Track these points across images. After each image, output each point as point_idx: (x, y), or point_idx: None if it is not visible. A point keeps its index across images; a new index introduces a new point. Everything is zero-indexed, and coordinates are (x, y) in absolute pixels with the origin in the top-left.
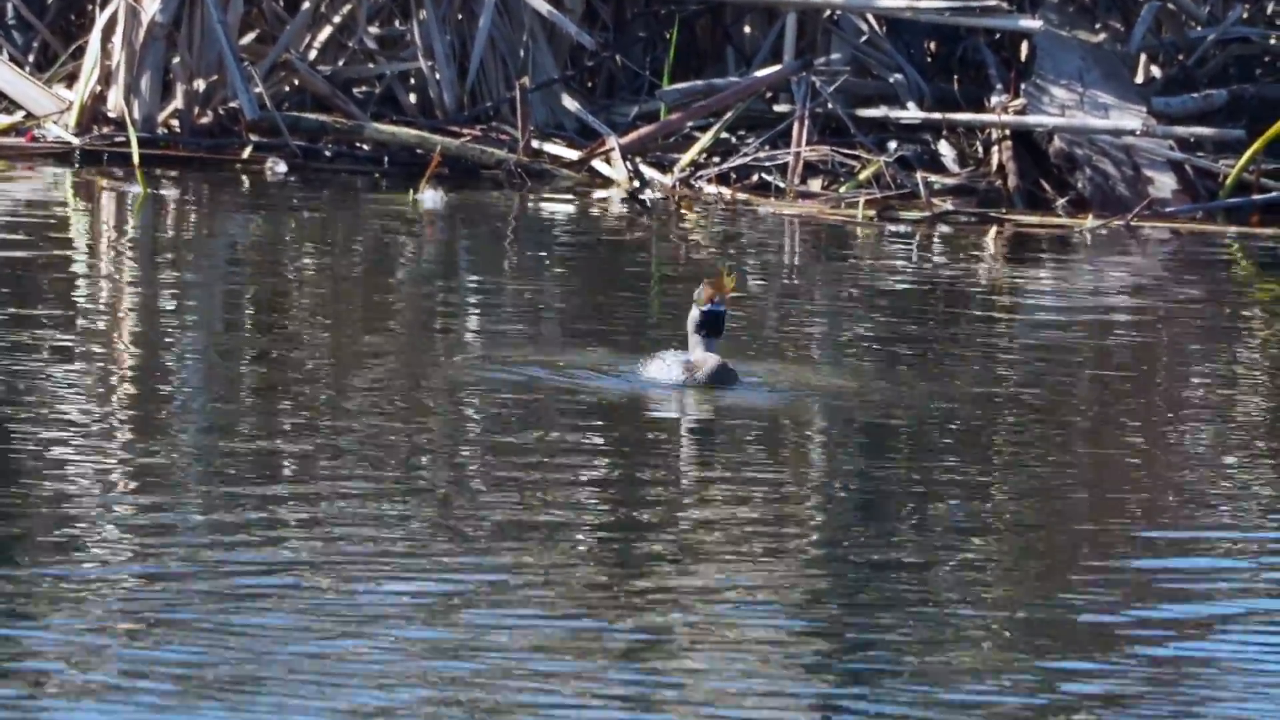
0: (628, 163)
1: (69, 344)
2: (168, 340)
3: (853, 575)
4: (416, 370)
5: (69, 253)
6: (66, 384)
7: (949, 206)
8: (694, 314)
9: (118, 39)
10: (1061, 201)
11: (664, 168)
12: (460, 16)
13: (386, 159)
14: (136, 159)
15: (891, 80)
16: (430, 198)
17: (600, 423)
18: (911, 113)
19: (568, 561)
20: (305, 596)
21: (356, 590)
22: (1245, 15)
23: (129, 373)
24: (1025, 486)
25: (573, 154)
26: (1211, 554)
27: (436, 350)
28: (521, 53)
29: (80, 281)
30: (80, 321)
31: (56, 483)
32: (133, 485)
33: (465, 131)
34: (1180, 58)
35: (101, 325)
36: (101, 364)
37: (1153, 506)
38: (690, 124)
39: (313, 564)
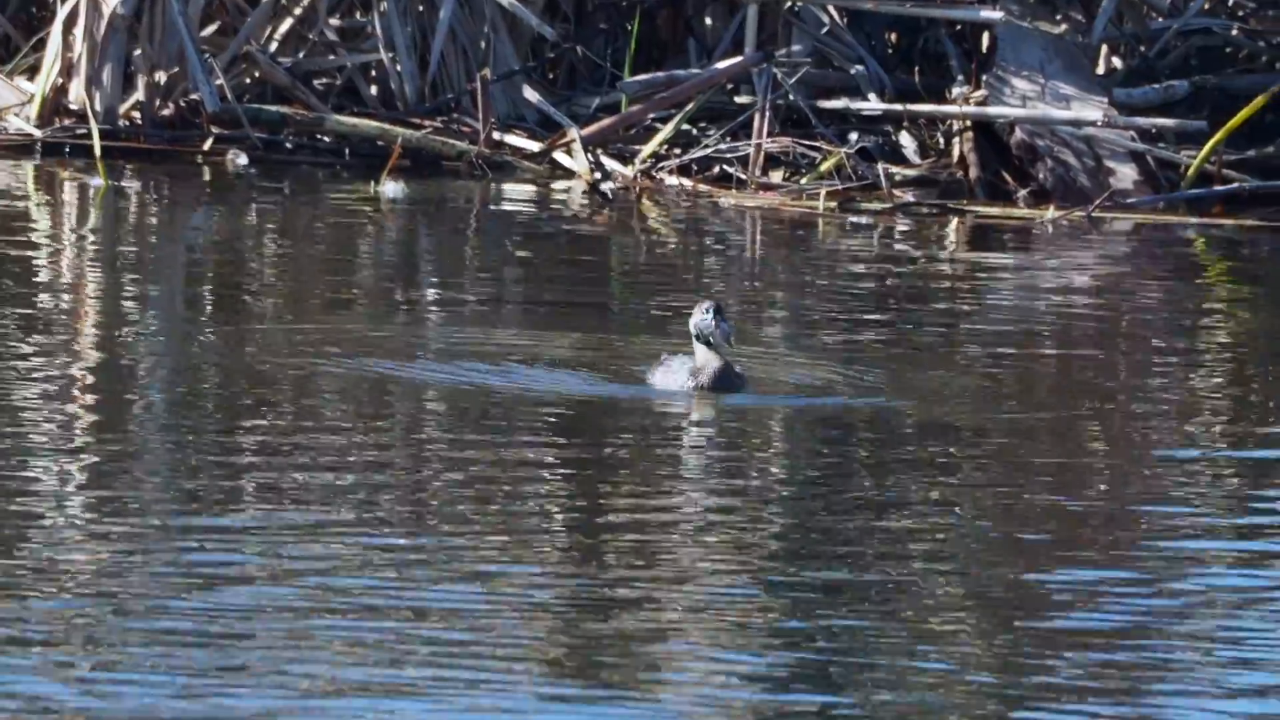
0: (589, 154)
1: (29, 334)
2: (127, 330)
3: (816, 569)
4: (370, 362)
5: (30, 244)
6: (26, 373)
7: (910, 198)
8: (697, 320)
9: (79, 31)
10: (1023, 193)
11: (625, 159)
12: (421, 8)
13: (348, 151)
14: (98, 151)
15: (853, 72)
16: (392, 189)
17: (571, 432)
18: (873, 104)
19: (542, 569)
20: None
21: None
22: (1206, 6)
23: (88, 362)
24: (990, 479)
25: (534, 145)
26: (1176, 539)
27: (394, 343)
28: (482, 44)
29: (41, 273)
30: (40, 312)
31: (13, 473)
32: (90, 476)
33: (426, 123)
34: (1142, 49)
35: (62, 316)
36: (62, 354)
37: (1114, 496)
38: (651, 115)
39: (273, 556)
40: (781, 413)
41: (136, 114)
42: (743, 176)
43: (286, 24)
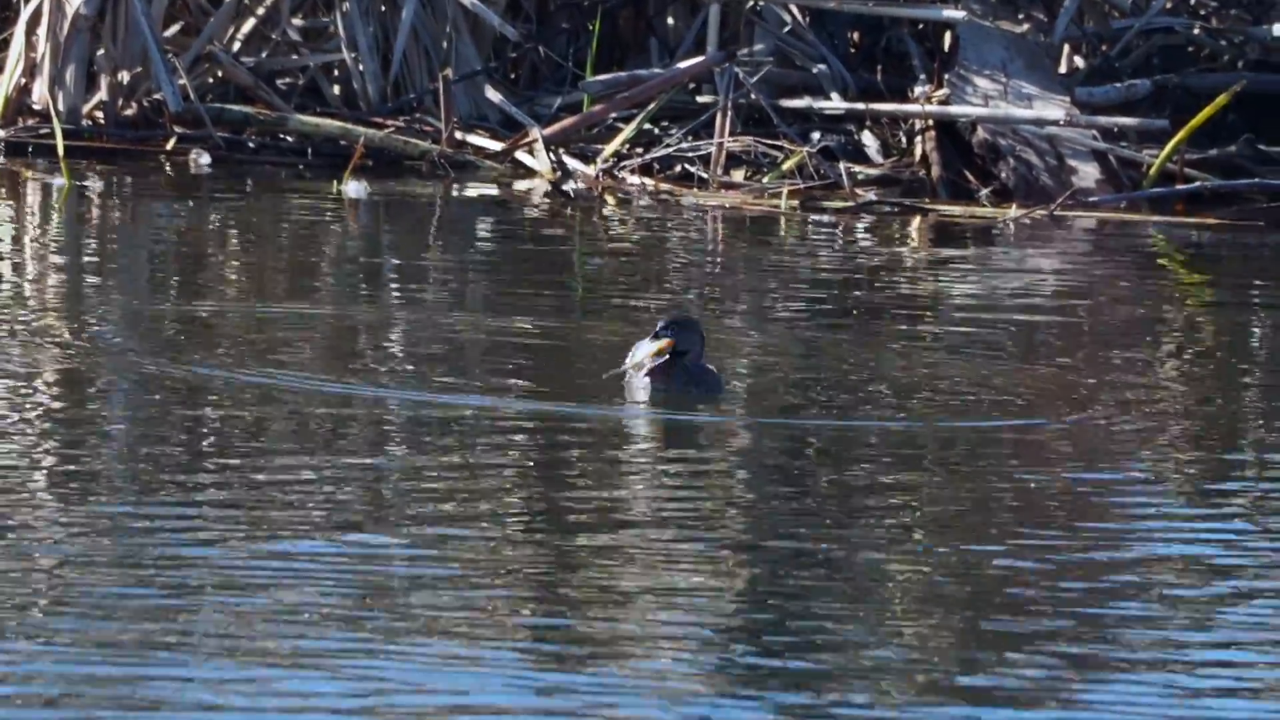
0: (551, 154)
1: None
2: (88, 331)
3: (780, 572)
4: (330, 364)
5: None
6: None
7: (872, 197)
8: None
9: (42, 31)
10: (985, 191)
11: (587, 159)
12: (383, 8)
13: (310, 150)
14: (61, 151)
15: (815, 71)
16: (354, 189)
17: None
18: (835, 103)
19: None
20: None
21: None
22: (1168, 5)
23: (49, 362)
24: (953, 479)
25: (496, 145)
26: (1133, 541)
27: (357, 345)
28: (445, 44)
29: (3, 272)
30: (1, 312)
31: None
32: (50, 479)
33: (389, 123)
34: (1104, 48)
35: (23, 316)
36: (21, 354)
37: (1076, 496)
38: (613, 115)
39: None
40: (741, 416)
41: (100, 114)
42: (705, 175)
43: (249, 24)
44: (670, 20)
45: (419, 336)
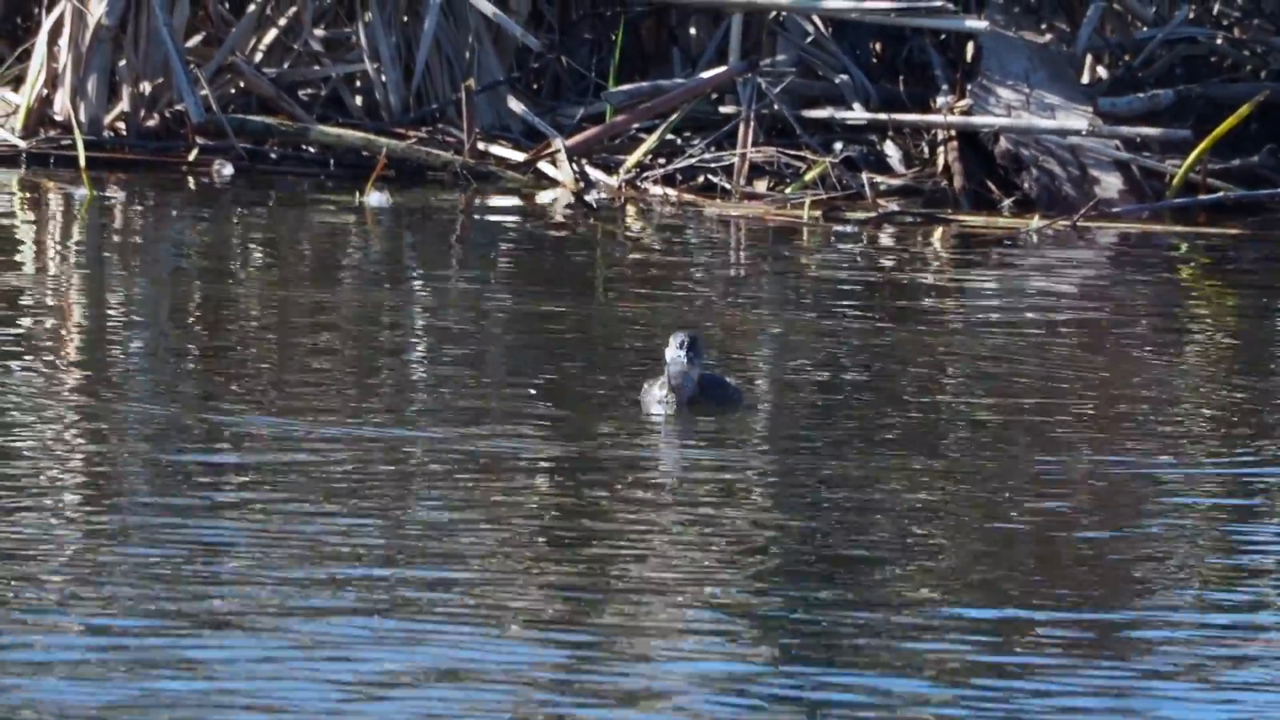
0: (573, 164)
1: (13, 346)
2: (112, 342)
3: (807, 574)
4: (355, 375)
5: (14, 255)
6: (11, 385)
7: (895, 207)
8: (670, 354)
9: (64, 42)
10: (1008, 202)
11: (610, 169)
12: (405, 18)
13: (332, 161)
14: (83, 162)
15: (837, 81)
16: (376, 199)
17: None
18: (857, 114)
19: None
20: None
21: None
22: (1191, 15)
23: (73, 375)
24: (980, 485)
25: (518, 156)
26: (1155, 547)
27: (381, 352)
28: (467, 55)
29: (26, 284)
30: (25, 323)
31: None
32: (76, 489)
33: (411, 133)
34: (1126, 58)
35: (47, 327)
36: (46, 366)
37: (1100, 504)
38: (636, 125)
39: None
40: (758, 416)
41: (121, 125)
42: (727, 186)
43: (271, 35)
44: (693, 30)
45: (441, 358)
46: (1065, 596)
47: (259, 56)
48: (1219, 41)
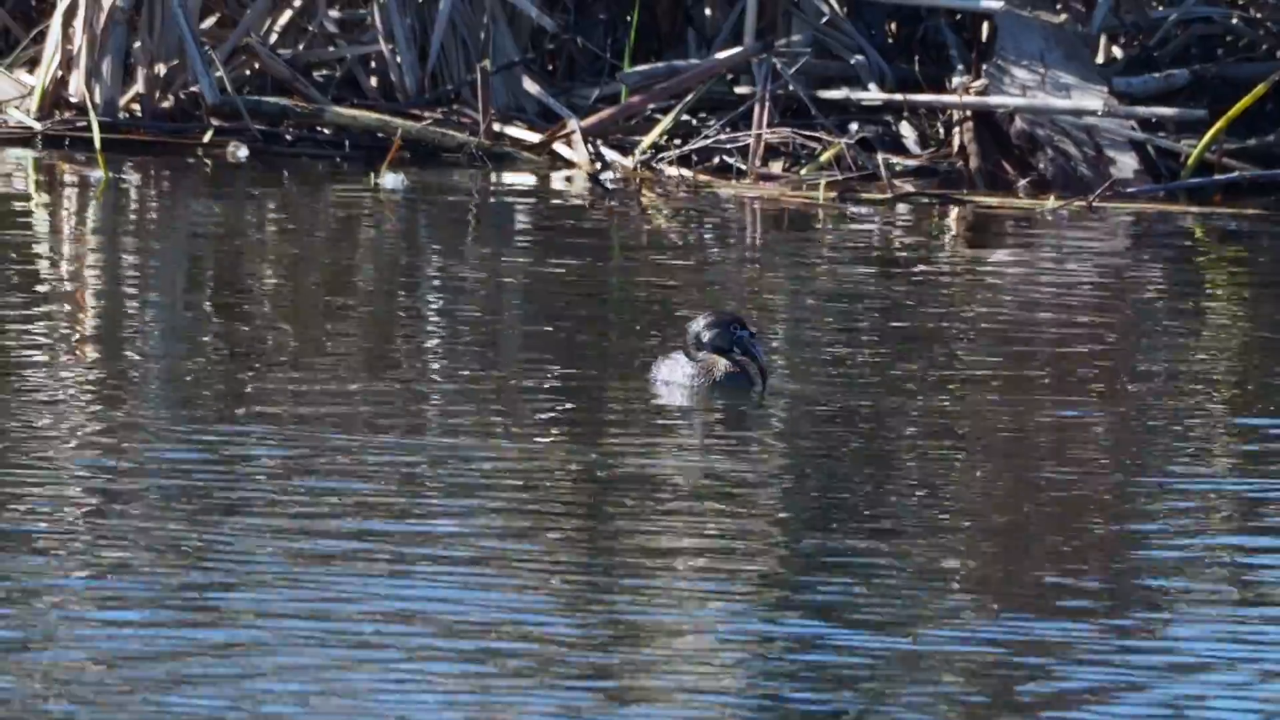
0: (589, 145)
1: (30, 328)
2: (129, 323)
3: (818, 554)
4: (371, 358)
5: (31, 237)
6: (29, 365)
7: (910, 188)
8: (716, 336)
9: (79, 24)
10: (1023, 182)
11: (625, 150)
12: (420, 0)
13: (348, 142)
14: (98, 144)
15: (852, 62)
16: (391, 181)
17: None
18: (872, 94)
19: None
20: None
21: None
22: None
23: (90, 356)
24: (996, 468)
25: (534, 137)
26: (1164, 523)
27: (395, 341)
28: (482, 35)
29: (42, 266)
30: (42, 306)
31: (14, 470)
32: (83, 473)
33: (426, 115)
34: (1141, 38)
35: (64, 309)
36: (63, 347)
37: (1116, 492)
38: (651, 106)
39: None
40: (782, 404)
41: (136, 106)
42: (743, 167)
43: (286, 16)
44: (708, 11)
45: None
46: (1086, 589)
47: (274, 38)
48: (1234, 21)
